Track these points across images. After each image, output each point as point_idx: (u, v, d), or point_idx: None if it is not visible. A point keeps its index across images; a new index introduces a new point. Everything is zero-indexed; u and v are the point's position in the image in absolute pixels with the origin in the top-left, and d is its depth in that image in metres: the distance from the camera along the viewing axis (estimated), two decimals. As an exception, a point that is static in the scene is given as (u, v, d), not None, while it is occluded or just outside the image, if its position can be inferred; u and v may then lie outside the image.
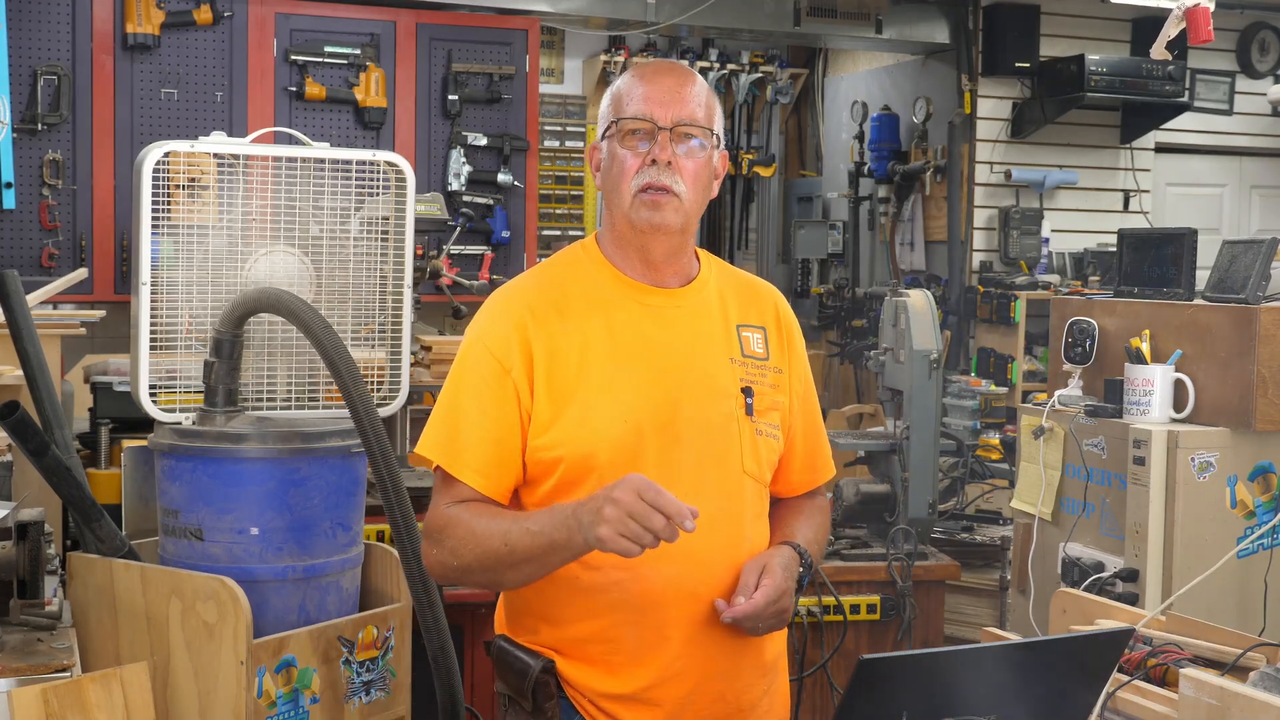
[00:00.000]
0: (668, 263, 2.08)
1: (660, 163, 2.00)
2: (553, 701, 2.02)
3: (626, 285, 2.08)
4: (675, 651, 2.01)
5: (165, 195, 2.88)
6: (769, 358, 2.12)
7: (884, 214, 7.23)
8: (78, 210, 5.45)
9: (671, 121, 2.00)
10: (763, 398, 2.08)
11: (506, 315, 2.05)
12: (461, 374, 2.04)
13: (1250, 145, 7.38)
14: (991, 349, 6.51)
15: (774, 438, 2.10)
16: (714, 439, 2.04)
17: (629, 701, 2.02)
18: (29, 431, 2.44)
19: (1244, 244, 3.30)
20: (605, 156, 2.06)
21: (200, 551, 2.68)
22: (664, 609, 1.99)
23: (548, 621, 2.05)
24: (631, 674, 2.01)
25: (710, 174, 2.07)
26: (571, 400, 2.00)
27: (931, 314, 3.64)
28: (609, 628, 2.01)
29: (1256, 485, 3.21)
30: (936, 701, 1.61)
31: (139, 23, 5.46)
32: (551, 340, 2.02)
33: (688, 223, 2.05)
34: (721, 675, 2.04)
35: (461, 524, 1.97)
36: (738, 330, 2.11)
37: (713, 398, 2.04)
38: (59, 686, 2.18)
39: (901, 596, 3.58)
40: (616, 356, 2.03)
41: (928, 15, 6.72)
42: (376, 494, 2.54)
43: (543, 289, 2.08)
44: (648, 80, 2.04)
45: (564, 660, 2.04)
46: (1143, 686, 2.02)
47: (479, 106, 6.02)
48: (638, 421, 2.00)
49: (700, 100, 2.04)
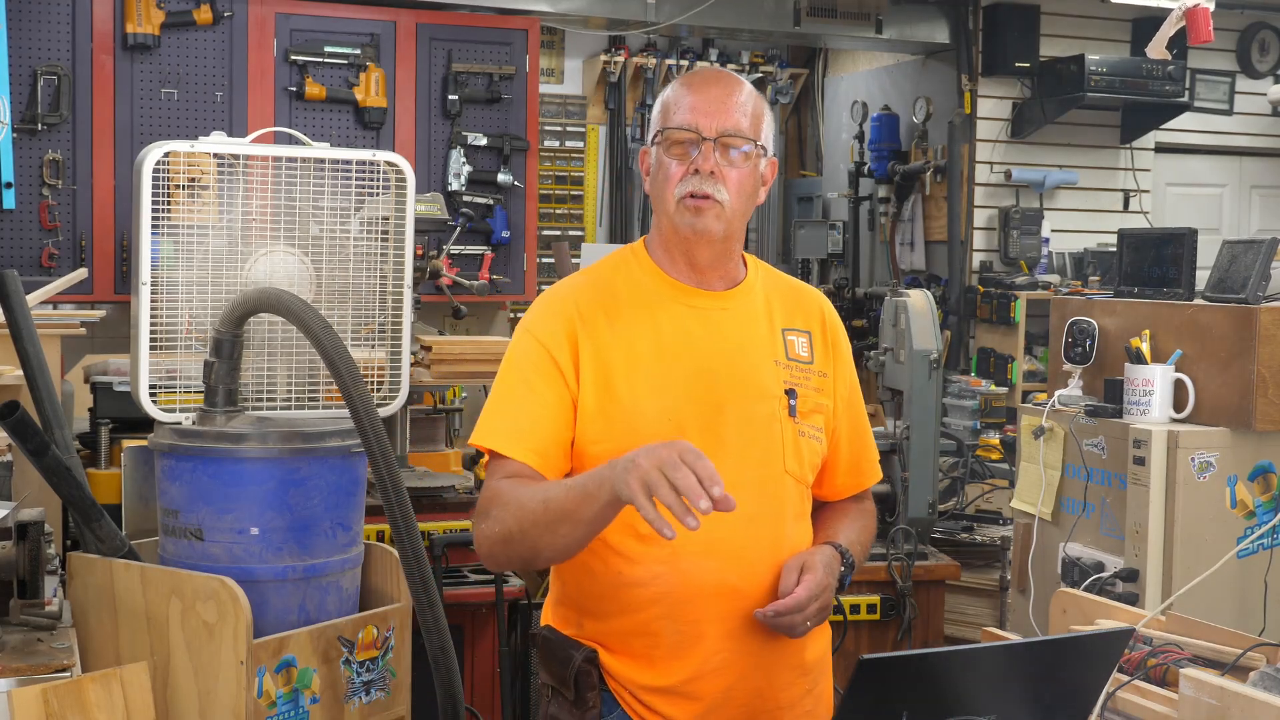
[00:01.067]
0: (713, 267, 2.12)
1: (703, 172, 2.03)
2: (594, 692, 2.06)
3: (673, 287, 2.12)
4: (713, 647, 2.04)
5: (165, 195, 2.88)
6: (814, 361, 2.16)
7: (884, 214, 7.23)
8: (78, 210, 5.45)
9: (716, 131, 2.04)
10: (806, 400, 2.12)
11: (556, 313, 2.09)
12: (511, 362, 2.09)
13: (1250, 145, 7.38)
14: (991, 349, 6.51)
15: (817, 439, 2.13)
16: (756, 438, 2.07)
17: (669, 694, 2.05)
18: (29, 431, 2.44)
19: (1244, 244, 3.30)
20: (653, 163, 2.11)
21: (200, 551, 2.68)
22: (703, 604, 2.03)
23: (590, 615, 2.09)
24: (671, 667, 2.05)
25: (755, 182, 2.10)
26: (616, 398, 2.04)
27: (931, 314, 3.64)
28: (649, 621, 2.04)
29: (1256, 485, 3.21)
30: (936, 701, 1.61)
31: (139, 23, 5.46)
32: (598, 340, 2.06)
33: (730, 229, 2.08)
34: (760, 671, 2.07)
35: (507, 492, 1.98)
36: (783, 334, 2.15)
37: (756, 398, 2.08)
38: (59, 686, 2.18)
39: (901, 596, 3.58)
40: (662, 357, 2.07)
41: (928, 15, 6.72)
42: (376, 494, 2.54)
43: (592, 290, 2.13)
44: (695, 90, 2.08)
45: (606, 653, 2.08)
46: (1143, 686, 2.02)
47: (479, 106, 6.02)
48: (680, 419, 2.03)
49: (746, 110, 2.07)
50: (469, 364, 3.99)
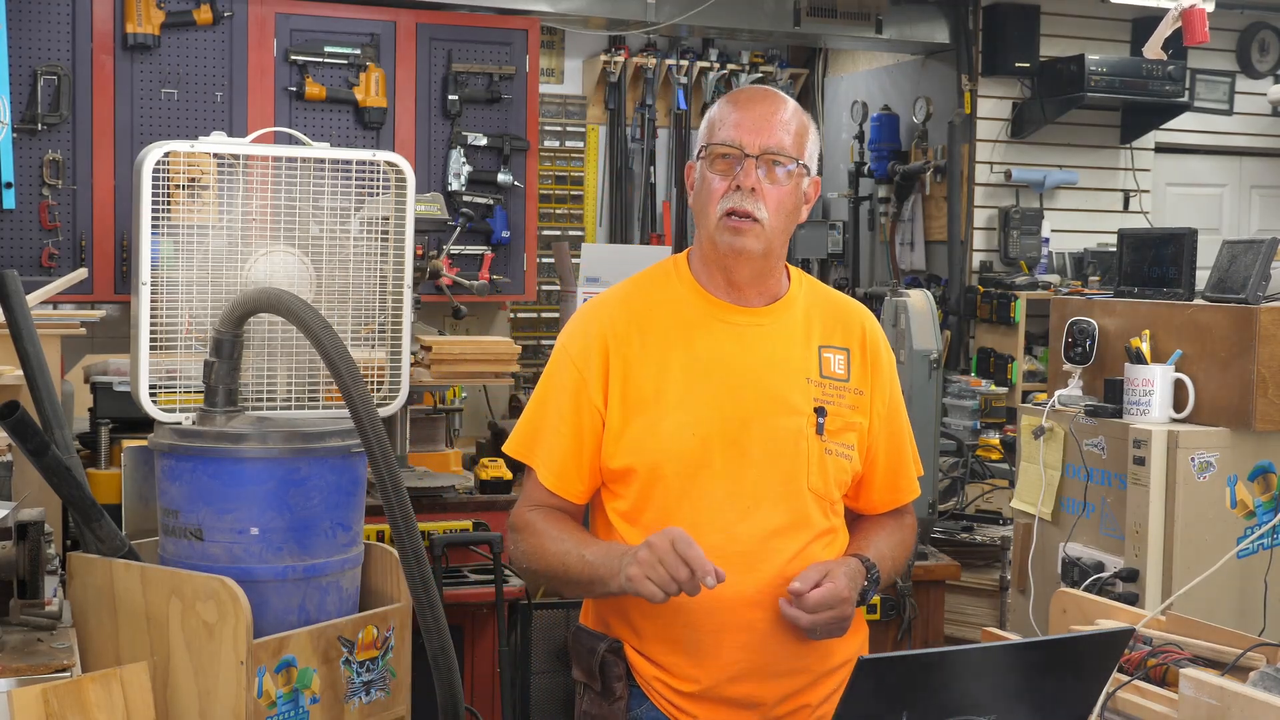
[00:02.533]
0: (751, 284, 2.15)
1: (745, 189, 2.05)
2: (621, 682, 2.11)
3: (710, 303, 2.15)
4: (732, 658, 2.07)
5: (165, 195, 2.88)
6: (849, 379, 2.17)
7: (884, 214, 7.23)
8: (78, 210, 5.44)
9: (759, 149, 2.06)
10: (837, 418, 2.13)
11: (590, 330, 2.16)
12: (548, 379, 2.18)
13: (1250, 145, 7.38)
14: (991, 349, 6.51)
15: (846, 457, 2.15)
16: (780, 456, 2.10)
17: (692, 699, 2.10)
18: (29, 431, 2.44)
19: (1244, 244, 3.30)
20: (698, 178, 2.13)
21: (200, 551, 2.68)
22: (723, 616, 2.06)
23: (621, 619, 2.15)
24: (691, 675, 2.09)
25: (797, 200, 2.12)
26: (643, 413, 2.09)
27: (931, 314, 3.64)
28: (670, 629, 2.08)
29: (1256, 485, 3.21)
30: (936, 701, 1.61)
31: (139, 23, 5.46)
32: (630, 356, 2.11)
33: (770, 248, 2.10)
34: (781, 682, 2.10)
35: (536, 533, 2.13)
36: (819, 351, 2.17)
37: (783, 415, 2.11)
38: (59, 686, 2.18)
39: (901, 596, 3.58)
40: (691, 373, 2.10)
41: (928, 15, 6.72)
42: (376, 494, 2.54)
43: (629, 305, 2.18)
44: (740, 107, 2.10)
45: (634, 653, 2.13)
46: (1143, 686, 2.02)
47: (479, 106, 6.02)
48: (705, 435, 2.07)
49: (790, 129, 2.09)
50: (469, 364, 3.99)
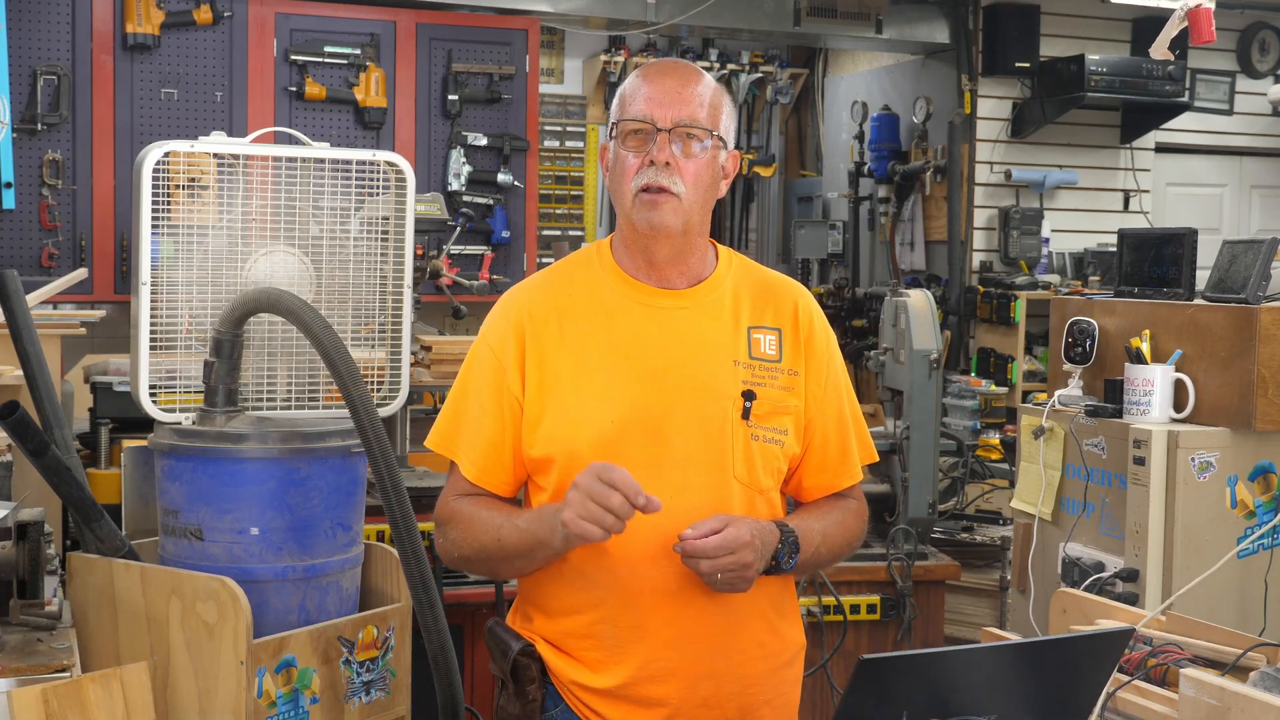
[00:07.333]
0: (672, 264, 2.08)
1: (659, 163, 1.99)
2: (535, 685, 2.04)
3: (631, 287, 2.09)
4: (654, 652, 2.01)
5: (165, 195, 2.87)
6: (781, 359, 2.09)
7: (884, 214, 7.24)
8: (78, 210, 5.45)
9: (671, 122, 2.00)
10: (767, 401, 2.06)
11: (508, 316, 2.10)
12: (467, 370, 2.13)
13: (1250, 145, 7.38)
14: (991, 349, 6.51)
15: (776, 443, 2.07)
16: (705, 442, 2.02)
17: (610, 698, 2.03)
18: (29, 431, 2.44)
19: (1244, 244, 3.30)
20: (611, 157, 2.07)
21: (200, 551, 2.68)
22: (644, 609, 2.00)
23: (542, 612, 2.09)
24: (611, 671, 2.02)
25: (714, 174, 2.06)
26: (561, 400, 2.03)
27: (931, 314, 3.64)
28: (591, 623, 2.02)
29: (1256, 485, 3.21)
30: (936, 701, 1.61)
31: (139, 23, 5.46)
32: (546, 342, 2.05)
33: (688, 223, 2.04)
34: (710, 677, 2.03)
35: (463, 518, 2.06)
36: (749, 331, 2.09)
37: (708, 400, 2.03)
38: (59, 686, 2.18)
39: (901, 596, 3.58)
40: (610, 358, 2.04)
41: (928, 15, 6.72)
42: (376, 494, 2.54)
43: (549, 291, 2.12)
44: (650, 81, 2.04)
45: (553, 651, 2.07)
46: (1143, 686, 2.02)
47: (479, 106, 6.02)
48: (624, 421, 2.00)
49: (703, 100, 2.02)
50: (469, 364, 3.98)
